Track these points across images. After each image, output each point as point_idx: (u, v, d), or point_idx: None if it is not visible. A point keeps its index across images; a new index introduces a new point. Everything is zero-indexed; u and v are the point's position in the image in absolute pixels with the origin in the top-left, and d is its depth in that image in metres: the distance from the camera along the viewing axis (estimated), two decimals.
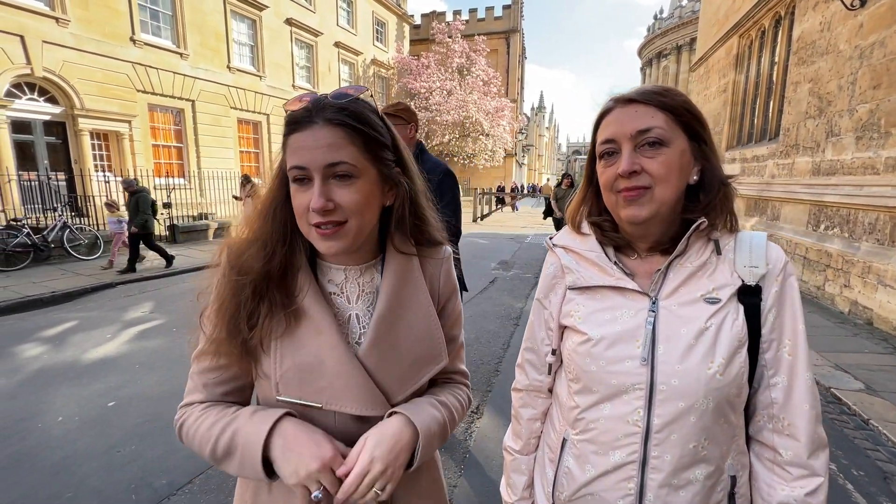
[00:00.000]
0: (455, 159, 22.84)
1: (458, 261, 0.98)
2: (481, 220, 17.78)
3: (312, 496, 0.62)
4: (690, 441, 0.72)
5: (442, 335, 0.81)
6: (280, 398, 0.69)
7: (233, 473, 0.69)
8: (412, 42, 25.34)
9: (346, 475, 0.64)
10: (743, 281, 0.73)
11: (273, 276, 0.71)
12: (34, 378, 3.49)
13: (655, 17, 35.00)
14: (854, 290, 5.07)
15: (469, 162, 22.65)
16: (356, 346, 0.74)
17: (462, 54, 21.19)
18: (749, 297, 0.72)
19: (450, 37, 21.38)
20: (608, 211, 0.81)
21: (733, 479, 0.75)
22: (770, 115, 8.00)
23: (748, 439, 0.79)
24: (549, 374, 0.92)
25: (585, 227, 0.85)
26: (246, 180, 8.58)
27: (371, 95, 0.74)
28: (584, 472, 0.80)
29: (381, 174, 0.71)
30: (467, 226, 15.96)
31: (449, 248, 0.87)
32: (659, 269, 0.76)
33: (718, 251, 0.75)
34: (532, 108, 65.51)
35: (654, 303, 0.75)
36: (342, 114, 0.66)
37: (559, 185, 9.26)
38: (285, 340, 0.70)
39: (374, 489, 0.64)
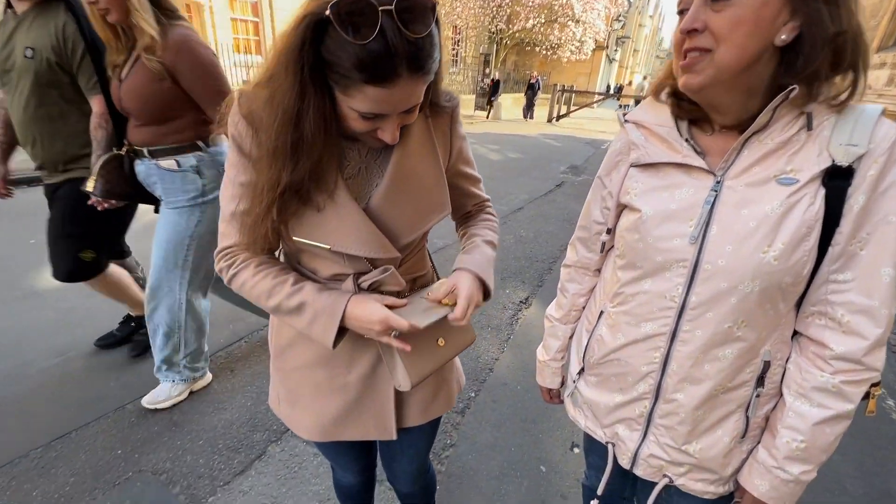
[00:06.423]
0: (536, 49, 20.44)
1: None
2: (557, 120, 16.50)
3: (393, 335, 0.79)
4: (726, 321, 0.72)
5: (446, 187, 0.87)
6: (295, 238, 0.78)
7: (296, 327, 0.82)
8: None
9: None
10: (833, 161, 0.64)
11: (304, 181, 0.73)
12: None
13: None
14: None
15: (552, 53, 20.10)
16: (370, 195, 0.81)
17: None
18: (836, 179, 0.64)
19: None
20: None
21: (767, 363, 0.75)
22: None
23: (795, 333, 0.76)
24: (601, 252, 0.94)
25: (664, 95, 0.79)
26: None
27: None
28: (614, 339, 0.86)
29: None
30: (541, 125, 14.99)
31: (453, 95, 0.88)
32: (733, 147, 0.70)
33: (810, 126, 0.65)
34: None
35: (718, 182, 0.71)
36: (430, 64, 0.66)
37: None
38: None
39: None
